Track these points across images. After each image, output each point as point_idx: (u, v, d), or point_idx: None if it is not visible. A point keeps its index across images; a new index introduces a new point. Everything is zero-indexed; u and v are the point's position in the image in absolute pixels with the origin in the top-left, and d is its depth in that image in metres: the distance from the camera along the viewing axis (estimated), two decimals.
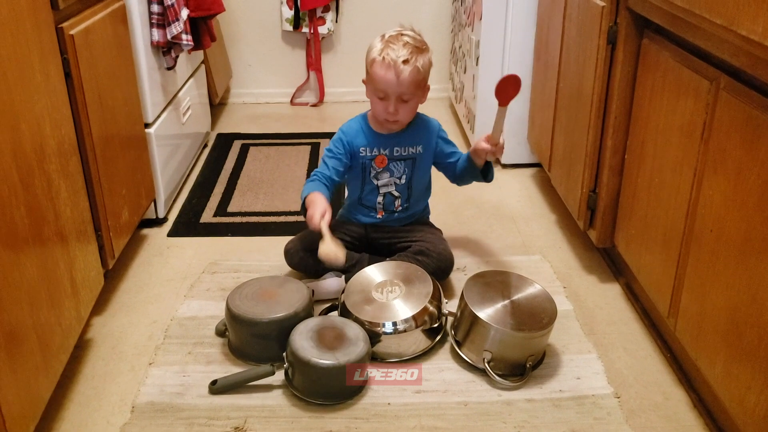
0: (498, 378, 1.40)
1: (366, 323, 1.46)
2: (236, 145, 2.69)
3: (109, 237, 1.61)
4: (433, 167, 1.79)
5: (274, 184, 2.35)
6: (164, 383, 1.42)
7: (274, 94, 3.22)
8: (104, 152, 1.59)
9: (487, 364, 1.41)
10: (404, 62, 1.56)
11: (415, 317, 1.46)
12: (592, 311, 1.66)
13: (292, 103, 3.21)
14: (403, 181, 1.73)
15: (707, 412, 1.34)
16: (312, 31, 3.05)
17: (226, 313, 1.50)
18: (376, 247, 1.78)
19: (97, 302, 1.57)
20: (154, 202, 2.04)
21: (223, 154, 2.61)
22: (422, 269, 1.58)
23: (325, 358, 1.34)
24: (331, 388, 1.36)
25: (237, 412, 1.34)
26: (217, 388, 1.39)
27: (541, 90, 2.18)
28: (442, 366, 1.47)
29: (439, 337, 1.52)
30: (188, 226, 2.09)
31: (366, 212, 1.77)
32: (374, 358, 1.46)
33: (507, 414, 1.34)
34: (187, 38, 2.08)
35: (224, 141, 2.74)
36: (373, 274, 1.58)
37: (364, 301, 1.51)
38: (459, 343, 1.48)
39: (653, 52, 1.46)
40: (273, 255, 1.86)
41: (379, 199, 1.75)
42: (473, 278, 1.53)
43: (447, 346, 1.53)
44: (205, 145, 2.69)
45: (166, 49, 2.06)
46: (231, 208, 2.19)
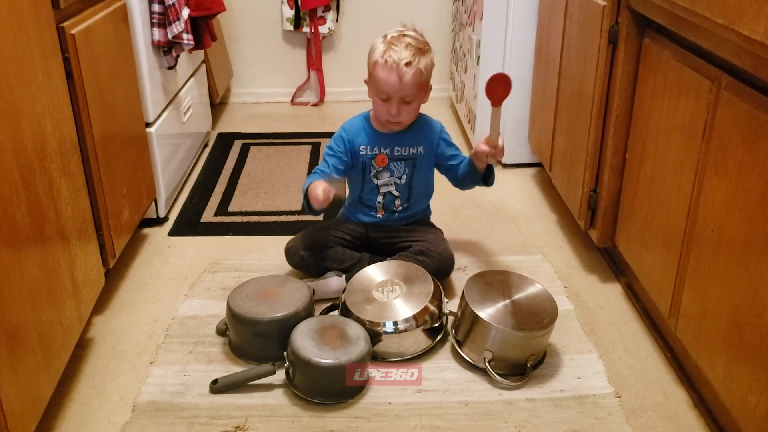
0: (499, 377, 1.40)
1: (367, 323, 1.46)
2: (237, 145, 2.69)
3: (110, 236, 1.61)
4: (437, 171, 1.79)
5: (275, 183, 2.35)
6: (165, 382, 1.42)
7: (275, 93, 3.22)
8: (105, 151, 1.59)
9: (487, 364, 1.41)
10: (407, 64, 1.56)
11: (415, 317, 1.46)
12: (593, 311, 1.66)
13: (293, 102, 3.21)
14: (404, 181, 1.73)
15: (708, 412, 1.34)
16: (313, 31, 3.05)
17: (226, 313, 1.50)
18: (376, 247, 1.78)
19: (98, 301, 1.57)
20: (154, 202, 2.04)
21: (223, 154, 2.61)
22: (423, 269, 1.58)
23: (326, 358, 1.34)
24: (332, 388, 1.36)
25: (238, 412, 1.35)
26: (218, 388, 1.39)
27: (541, 89, 2.18)
28: (443, 365, 1.47)
29: (439, 337, 1.52)
30: (189, 225, 2.09)
31: (366, 211, 1.77)
32: (375, 357, 1.46)
33: (508, 413, 1.34)
34: (187, 38, 2.08)
35: (225, 140, 2.74)
36: (374, 273, 1.58)
37: (364, 301, 1.51)
38: (460, 343, 1.48)
39: (654, 52, 1.46)
40: (274, 254, 1.86)
41: (379, 199, 1.75)
42: (474, 278, 1.53)
43: (448, 346, 1.53)
44: (206, 145, 2.69)
45: (167, 49, 2.06)
46: (232, 208, 2.19)
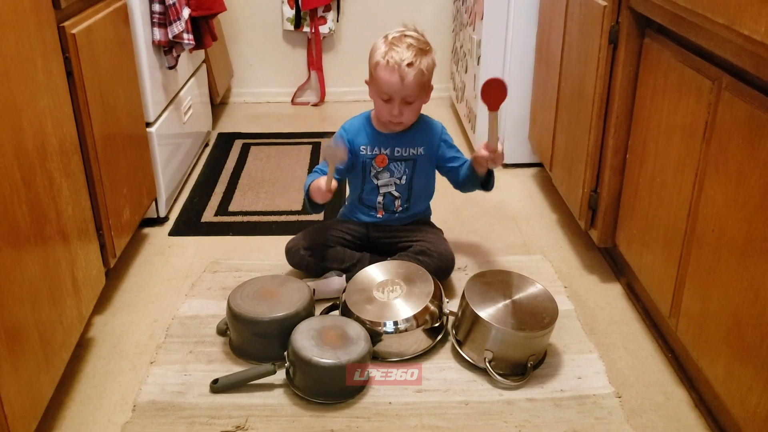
0: (499, 377, 1.40)
1: (367, 322, 1.46)
2: (237, 145, 2.69)
3: (111, 236, 1.61)
4: (437, 172, 1.79)
5: (275, 183, 2.35)
6: (165, 382, 1.42)
7: (275, 93, 3.22)
8: (105, 151, 1.59)
9: (488, 364, 1.41)
10: (409, 65, 1.56)
11: (416, 317, 1.46)
12: (594, 311, 1.66)
13: (293, 102, 3.21)
14: (404, 181, 1.73)
15: (708, 412, 1.33)
16: (313, 31, 3.05)
17: (227, 312, 1.50)
18: (377, 247, 1.78)
19: (99, 301, 1.57)
20: (155, 201, 2.04)
21: (224, 154, 2.61)
22: (423, 269, 1.58)
23: (327, 358, 1.34)
24: (333, 387, 1.36)
25: (238, 411, 1.35)
26: (219, 387, 1.39)
27: (542, 89, 2.18)
28: (443, 365, 1.47)
29: (440, 337, 1.52)
30: (189, 225, 2.09)
31: (366, 211, 1.77)
32: (375, 357, 1.46)
33: (508, 413, 1.34)
34: (188, 37, 2.08)
35: (225, 140, 2.74)
36: (374, 273, 1.58)
37: (365, 301, 1.51)
38: (460, 343, 1.48)
39: (655, 52, 1.46)
40: (274, 254, 1.86)
41: (379, 199, 1.75)
42: (474, 278, 1.53)
43: (448, 346, 1.53)
44: (206, 145, 2.69)
45: (168, 49, 2.06)
46: (232, 208, 2.19)
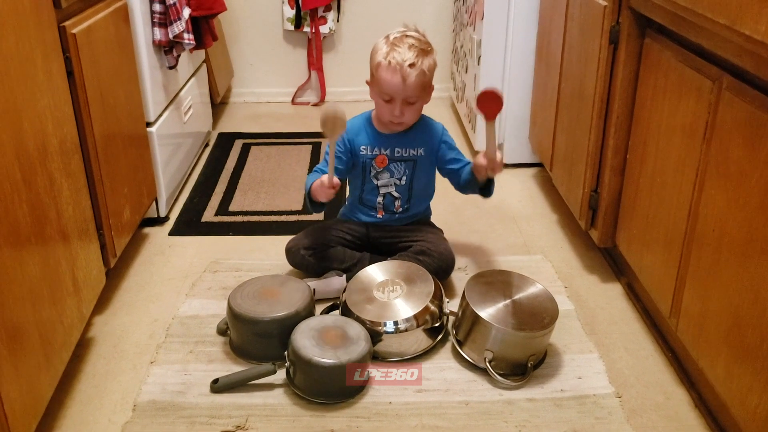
0: (499, 377, 1.40)
1: (367, 322, 1.46)
2: (237, 145, 2.69)
3: (111, 236, 1.61)
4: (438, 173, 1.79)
5: (276, 183, 2.35)
6: (166, 382, 1.42)
7: (276, 93, 3.22)
8: (106, 151, 1.59)
9: (488, 364, 1.41)
10: (410, 66, 1.56)
11: (416, 316, 1.46)
12: (594, 311, 1.66)
13: (294, 102, 3.21)
14: (404, 182, 1.73)
15: (708, 412, 1.33)
16: (313, 31, 3.05)
17: (227, 312, 1.50)
18: (377, 247, 1.78)
19: (99, 301, 1.57)
20: (155, 201, 2.04)
21: (224, 154, 2.61)
22: (423, 269, 1.58)
23: (327, 357, 1.34)
24: (333, 387, 1.36)
25: (238, 411, 1.35)
26: (219, 387, 1.39)
27: (542, 89, 2.18)
28: (444, 365, 1.47)
29: (440, 337, 1.52)
30: (190, 225, 2.09)
31: (366, 211, 1.77)
32: (375, 357, 1.46)
33: (508, 413, 1.34)
34: (188, 37, 2.08)
35: (225, 140, 2.74)
36: (375, 273, 1.58)
37: (365, 301, 1.51)
38: (460, 343, 1.48)
39: (655, 52, 1.46)
40: (274, 254, 1.86)
41: (379, 199, 1.75)
42: (474, 278, 1.53)
43: (448, 346, 1.53)
44: (207, 145, 2.69)
45: (168, 48, 2.06)
46: (232, 207, 2.19)
